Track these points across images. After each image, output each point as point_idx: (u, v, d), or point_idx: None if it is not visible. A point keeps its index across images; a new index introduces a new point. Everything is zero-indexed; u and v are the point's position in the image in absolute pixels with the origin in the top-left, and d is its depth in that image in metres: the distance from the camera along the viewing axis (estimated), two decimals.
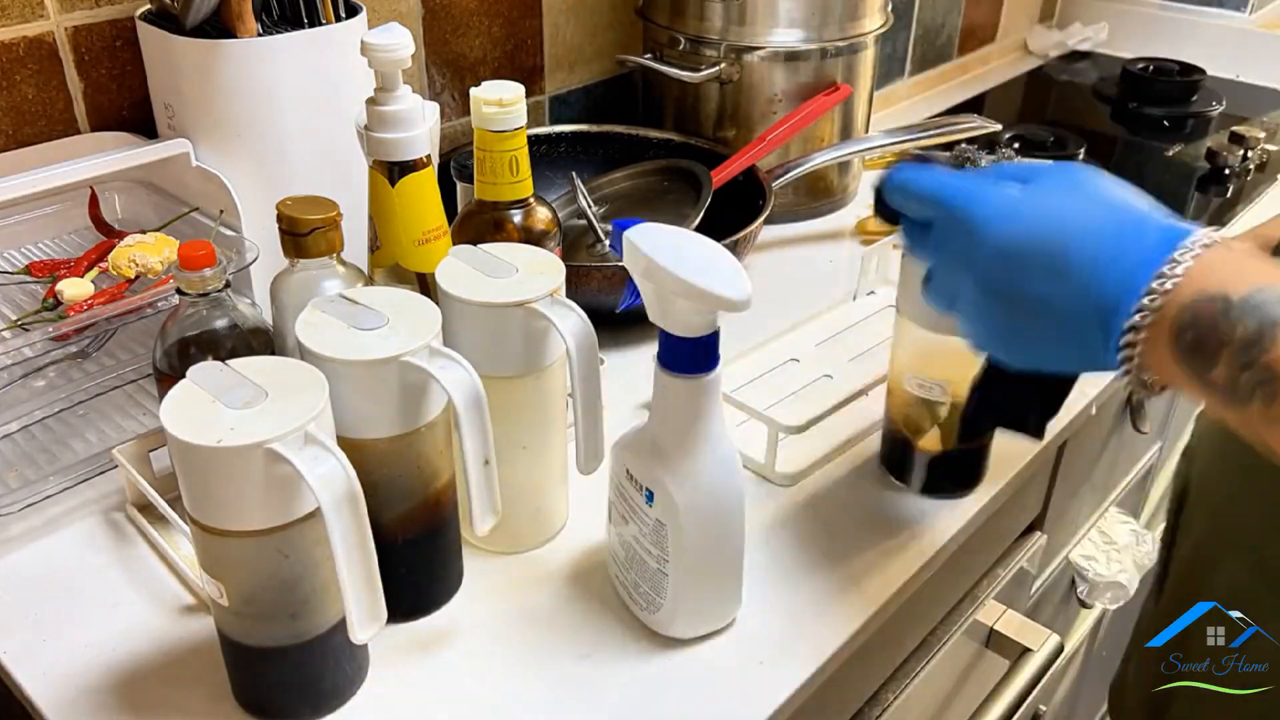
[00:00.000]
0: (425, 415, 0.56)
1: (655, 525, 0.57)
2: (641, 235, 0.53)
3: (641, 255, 0.52)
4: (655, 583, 0.59)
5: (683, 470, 0.56)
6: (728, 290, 0.50)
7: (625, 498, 0.59)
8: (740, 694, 0.58)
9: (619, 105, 1.23)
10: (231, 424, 0.47)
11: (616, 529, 0.62)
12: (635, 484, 0.58)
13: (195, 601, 0.62)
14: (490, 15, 1.06)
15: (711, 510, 0.57)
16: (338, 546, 0.47)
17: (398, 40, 0.60)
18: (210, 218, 0.79)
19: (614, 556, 0.63)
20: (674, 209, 0.96)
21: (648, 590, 0.59)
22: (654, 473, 0.56)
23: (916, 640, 0.81)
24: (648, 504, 0.57)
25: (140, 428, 0.73)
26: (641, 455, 0.57)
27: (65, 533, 0.67)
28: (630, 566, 0.60)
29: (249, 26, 0.74)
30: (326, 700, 0.56)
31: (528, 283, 0.60)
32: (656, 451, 0.57)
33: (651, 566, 0.58)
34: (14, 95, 0.79)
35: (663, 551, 0.57)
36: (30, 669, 0.58)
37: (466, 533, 0.63)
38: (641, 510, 0.58)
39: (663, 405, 0.56)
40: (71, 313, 0.70)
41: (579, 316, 0.59)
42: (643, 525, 0.58)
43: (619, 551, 0.62)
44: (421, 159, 0.62)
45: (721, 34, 1.05)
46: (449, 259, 0.62)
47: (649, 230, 0.54)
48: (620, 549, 0.61)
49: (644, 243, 0.52)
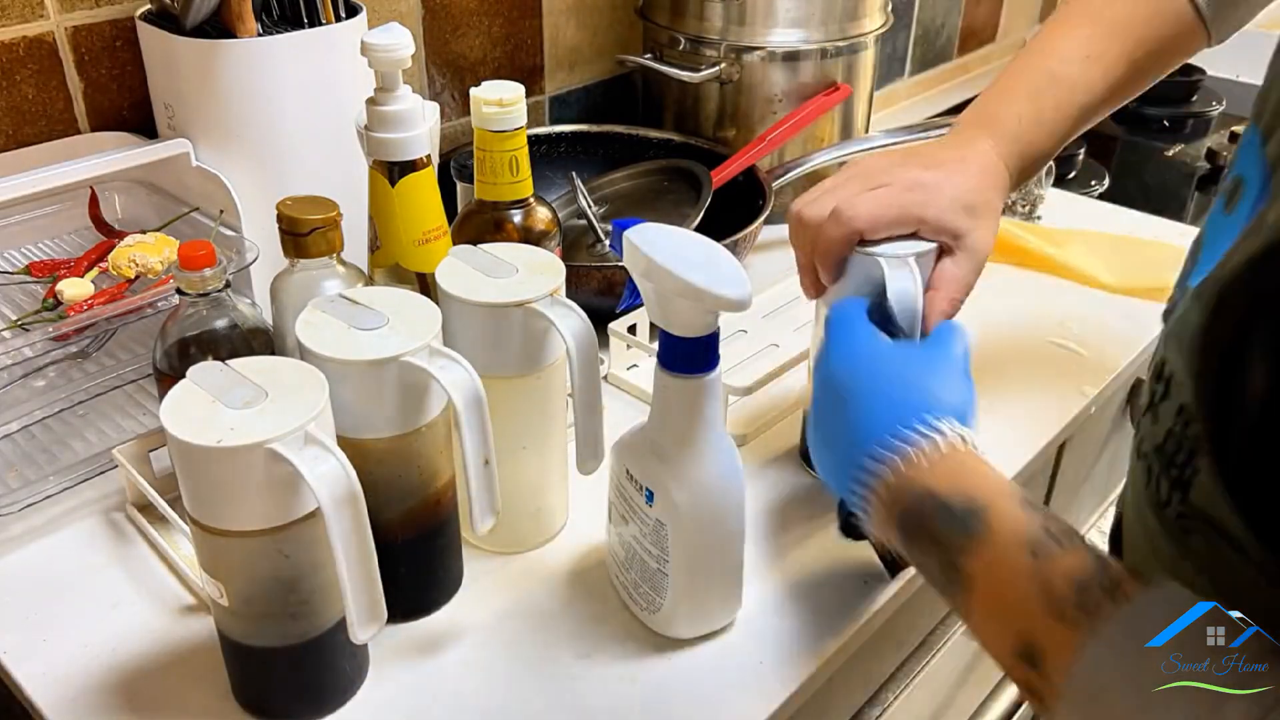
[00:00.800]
0: (425, 415, 0.56)
1: (655, 525, 0.57)
2: (641, 235, 0.53)
3: (642, 255, 0.52)
4: (655, 583, 0.59)
5: (683, 470, 0.56)
6: (729, 290, 0.50)
7: (625, 498, 0.59)
8: (741, 693, 0.58)
9: (619, 105, 1.23)
10: (231, 424, 0.47)
11: (616, 529, 0.61)
12: (635, 484, 0.58)
13: (195, 601, 0.62)
14: (490, 15, 1.06)
15: (712, 510, 0.57)
16: (338, 546, 0.47)
17: (398, 40, 0.60)
18: (210, 218, 0.79)
19: (614, 557, 0.63)
20: (674, 209, 0.96)
21: (648, 590, 0.59)
22: (654, 473, 0.56)
23: (917, 640, 0.81)
24: (648, 504, 0.57)
25: (140, 428, 0.73)
26: (641, 455, 0.57)
27: (65, 533, 0.67)
28: (630, 566, 0.60)
29: (249, 26, 0.74)
30: (326, 700, 0.56)
31: (528, 282, 0.59)
32: (656, 451, 0.56)
33: (651, 567, 0.58)
34: (14, 95, 0.79)
35: (663, 551, 0.57)
36: (30, 669, 0.58)
37: (467, 533, 0.63)
38: (642, 510, 0.58)
39: (663, 405, 0.56)
40: (71, 313, 0.70)
41: (579, 317, 0.59)
42: (643, 525, 0.58)
43: (619, 552, 0.61)
44: (421, 159, 0.62)
45: (721, 34, 1.05)
46: (449, 259, 0.62)
47: (649, 230, 0.53)
48: (620, 549, 0.61)
49: (644, 243, 0.52)
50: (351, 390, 0.53)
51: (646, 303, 0.54)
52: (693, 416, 0.55)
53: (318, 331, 0.54)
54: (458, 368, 0.54)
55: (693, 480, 0.56)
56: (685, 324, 0.53)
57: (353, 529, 0.48)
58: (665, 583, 0.58)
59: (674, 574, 0.57)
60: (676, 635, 0.60)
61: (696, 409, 0.55)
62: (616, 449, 0.60)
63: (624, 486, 0.59)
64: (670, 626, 0.60)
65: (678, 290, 0.51)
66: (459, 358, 0.54)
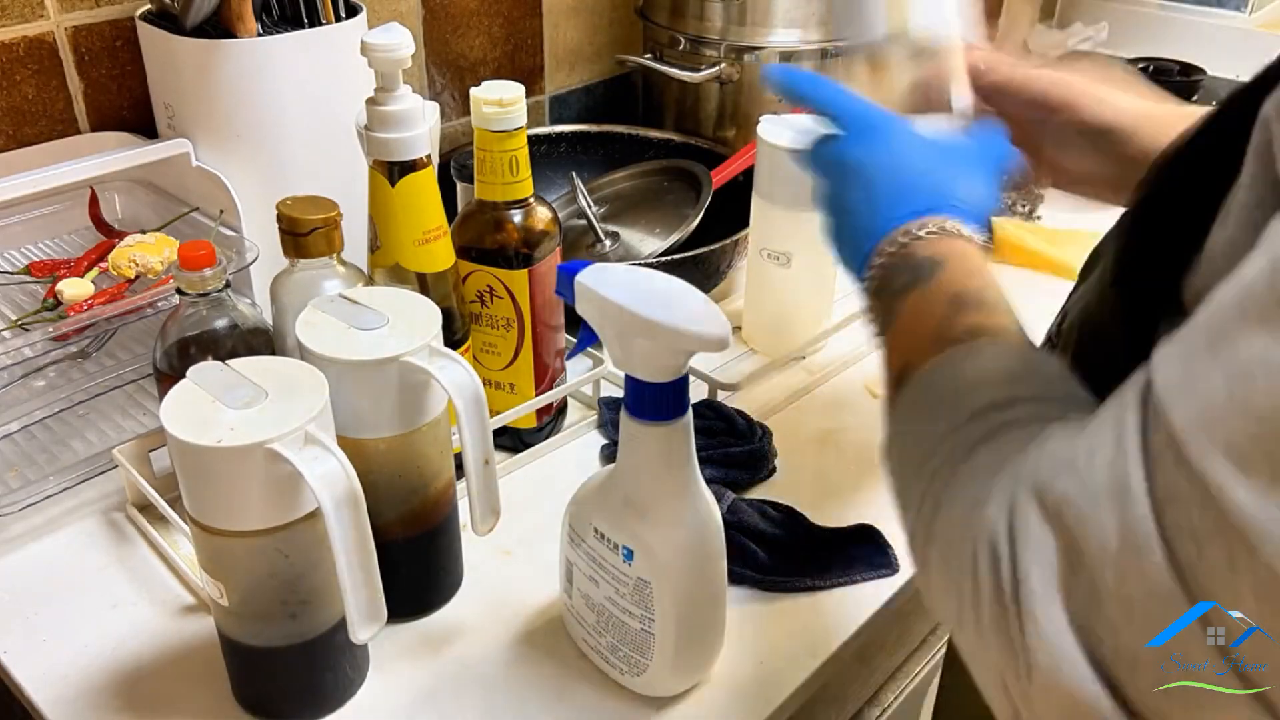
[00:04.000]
0: (425, 415, 0.56)
1: (637, 584, 0.53)
2: (596, 278, 0.49)
3: (600, 299, 0.48)
4: (639, 644, 0.54)
5: (664, 524, 0.52)
6: (707, 328, 0.46)
7: (594, 559, 0.55)
8: (741, 693, 0.57)
9: (619, 105, 1.23)
10: (231, 424, 0.47)
11: (582, 591, 0.57)
12: (608, 543, 0.53)
13: (195, 601, 0.62)
14: (490, 15, 1.06)
15: (700, 563, 0.53)
16: (338, 546, 0.47)
17: (398, 40, 0.60)
18: (210, 218, 0.79)
19: (580, 621, 0.58)
20: (674, 209, 0.96)
21: (629, 653, 0.55)
22: (633, 530, 0.52)
23: (917, 640, 0.82)
24: (626, 562, 0.52)
25: (140, 428, 0.73)
26: (613, 511, 0.53)
27: (65, 533, 0.67)
28: (605, 630, 0.56)
29: (249, 26, 0.74)
30: (326, 700, 0.56)
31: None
32: (632, 506, 0.52)
33: (633, 628, 0.54)
34: (14, 95, 0.79)
35: (647, 611, 0.53)
36: (30, 669, 0.58)
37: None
38: (618, 570, 0.53)
39: (634, 455, 0.52)
40: (71, 313, 0.70)
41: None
42: (620, 585, 0.54)
43: (587, 615, 0.57)
44: (421, 159, 0.62)
45: (721, 34, 1.05)
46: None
47: (601, 272, 0.49)
48: (589, 612, 0.57)
49: (601, 285, 0.48)
50: (351, 390, 0.53)
51: (609, 348, 0.50)
52: (670, 465, 0.51)
53: (318, 331, 0.54)
54: (457, 368, 0.54)
55: (677, 535, 0.52)
56: (657, 368, 0.49)
57: (353, 529, 0.48)
58: (651, 642, 0.54)
59: (661, 633, 0.53)
60: (664, 694, 0.56)
61: (674, 457, 0.51)
62: (576, 507, 0.55)
63: (592, 547, 0.54)
64: (657, 686, 0.56)
65: (648, 333, 0.47)
66: (458, 358, 0.54)
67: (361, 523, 0.48)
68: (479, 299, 0.70)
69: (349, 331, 0.54)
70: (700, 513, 0.53)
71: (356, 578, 0.48)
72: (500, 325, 0.71)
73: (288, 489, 0.48)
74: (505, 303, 0.70)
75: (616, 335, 0.48)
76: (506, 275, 0.69)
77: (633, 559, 0.52)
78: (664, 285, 0.49)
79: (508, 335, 0.71)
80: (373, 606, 0.50)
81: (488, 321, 0.71)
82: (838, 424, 0.78)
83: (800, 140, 0.56)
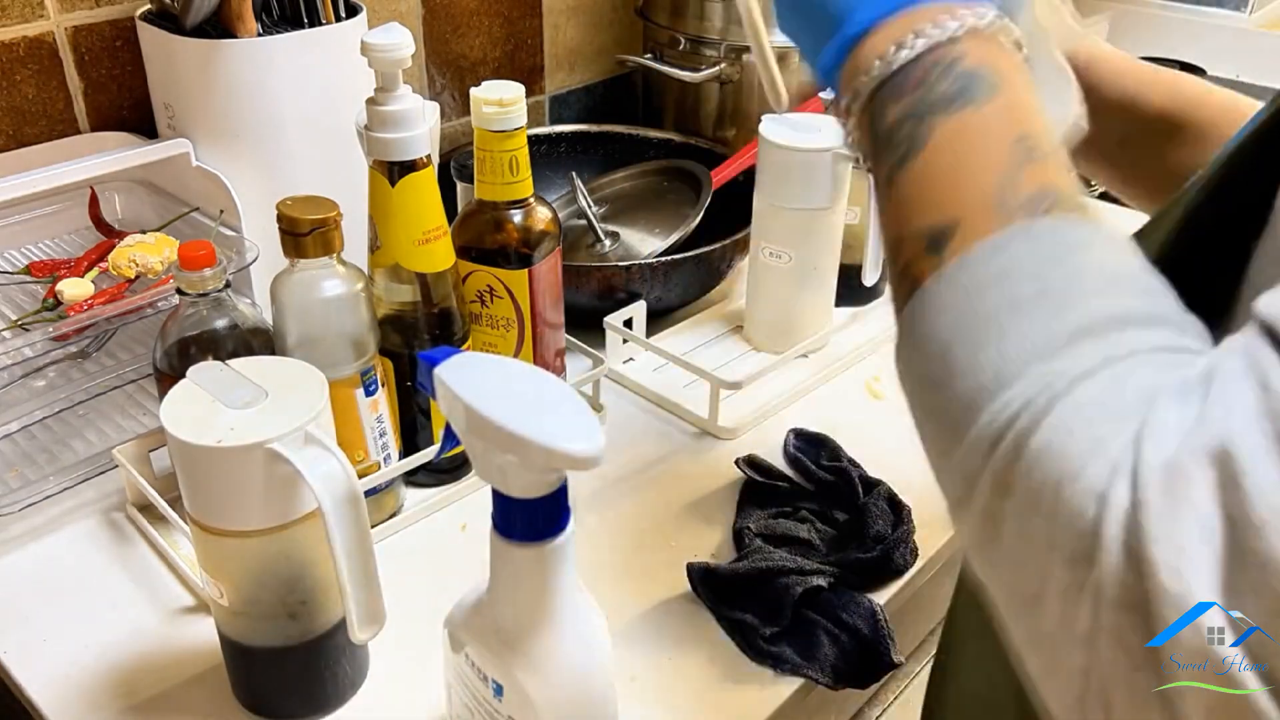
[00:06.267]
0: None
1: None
2: (456, 374, 0.41)
3: (461, 403, 0.40)
4: None
5: (537, 658, 0.44)
6: (574, 444, 0.38)
7: (468, 686, 0.48)
8: (741, 693, 0.57)
9: (619, 105, 1.23)
10: (231, 424, 0.47)
11: (459, 717, 0.50)
12: (479, 674, 0.46)
13: (195, 601, 0.62)
14: (490, 15, 1.06)
15: (577, 702, 0.46)
16: (337, 547, 0.47)
17: (398, 40, 0.60)
18: (210, 218, 0.79)
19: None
20: (674, 209, 0.96)
21: None
22: (501, 662, 0.45)
23: (917, 640, 0.81)
24: (496, 698, 0.45)
25: (140, 428, 0.73)
26: (484, 639, 0.45)
27: (65, 533, 0.67)
28: None
29: (249, 26, 0.74)
30: (326, 700, 0.56)
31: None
32: (501, 635, 0.45)
33: None
34: (14, 95, 0.79)
35: None
36: (30, 669, 0.58)
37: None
38: (489, 705, 0.46)
39: (504, 579, 0.44)
40: (71, 313, 0.70)
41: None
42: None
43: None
44: (421, 159, 0.62)
45: (721, 34, 1.05)
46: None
47: (466, 364, 0.42)
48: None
49: (461, 384, 0.40)
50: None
51: (472, 457, 0.42)
52: (543, 591, 0.44)
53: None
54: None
55: (549, 669, 0.44)
56: (525, 484, 0.41)
57: (353, 529, 0.48)
58: None
59: None
60: None
61: (547, 581, 0.44)
62: (452, 625, 0.47)
63: (464, 673, 0.47)
64: None
65: (507, 447, 0.39)
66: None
67: (361, 523, 0.48)
68: (479, 299, 0.70)
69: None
70: (581, 649, 0.46)
71: (356, 578, 0.49)
72: (500, 325, 0.71)
73: (288, 489, 0.48)
74: (505, 303, 0.70)
75: (479, 444, 0.41)
76: (506, 275, 0.69)
77: (502, 695, 0.45)
78: (533, 382, 0.42)
79: (508, 335, 0.71)
80: (373, 606, 0.50)
81: (488, 321, 0.71)
82: (839, 424, 0.78)
83: None
